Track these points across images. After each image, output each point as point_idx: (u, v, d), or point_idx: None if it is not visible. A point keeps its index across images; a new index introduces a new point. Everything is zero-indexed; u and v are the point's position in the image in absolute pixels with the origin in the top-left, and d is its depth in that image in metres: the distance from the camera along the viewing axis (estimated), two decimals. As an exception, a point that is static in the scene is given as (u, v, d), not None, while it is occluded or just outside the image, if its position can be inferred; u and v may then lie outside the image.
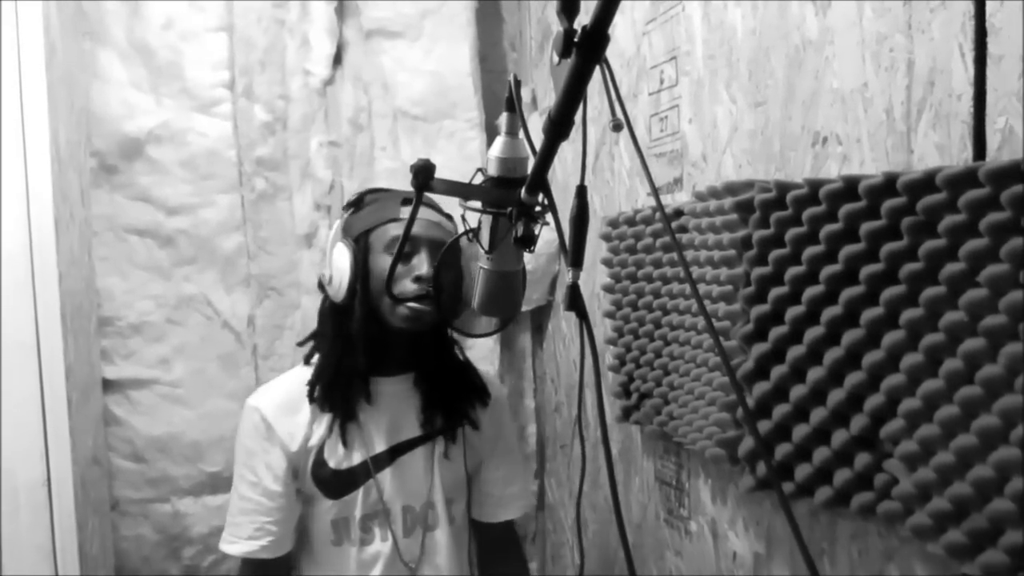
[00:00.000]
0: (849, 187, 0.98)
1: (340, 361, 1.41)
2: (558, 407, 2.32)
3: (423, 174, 0.94)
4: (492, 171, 0.94)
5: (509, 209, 0.90)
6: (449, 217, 1.48)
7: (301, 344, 1.55)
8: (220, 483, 2.11)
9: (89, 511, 1.78)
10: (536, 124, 2.34)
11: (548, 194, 0.86)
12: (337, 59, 2.19)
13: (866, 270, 0.97)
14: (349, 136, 2.21)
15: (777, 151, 1.22)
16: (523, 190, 0.87)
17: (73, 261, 1.76)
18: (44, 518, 1.55)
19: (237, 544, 1.44)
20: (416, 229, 1.34)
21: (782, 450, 1.13)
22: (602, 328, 1.76)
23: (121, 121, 2.02)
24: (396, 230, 1.38)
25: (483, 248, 0.99)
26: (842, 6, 1.08)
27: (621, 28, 1.70)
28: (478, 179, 0.97)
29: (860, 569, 1.10)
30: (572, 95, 0.69)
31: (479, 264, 1.02)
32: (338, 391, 1.41)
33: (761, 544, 1.33)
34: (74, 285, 1.75)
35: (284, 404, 1.45)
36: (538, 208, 0.89)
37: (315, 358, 1.49)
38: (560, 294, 2.25)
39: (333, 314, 1.43)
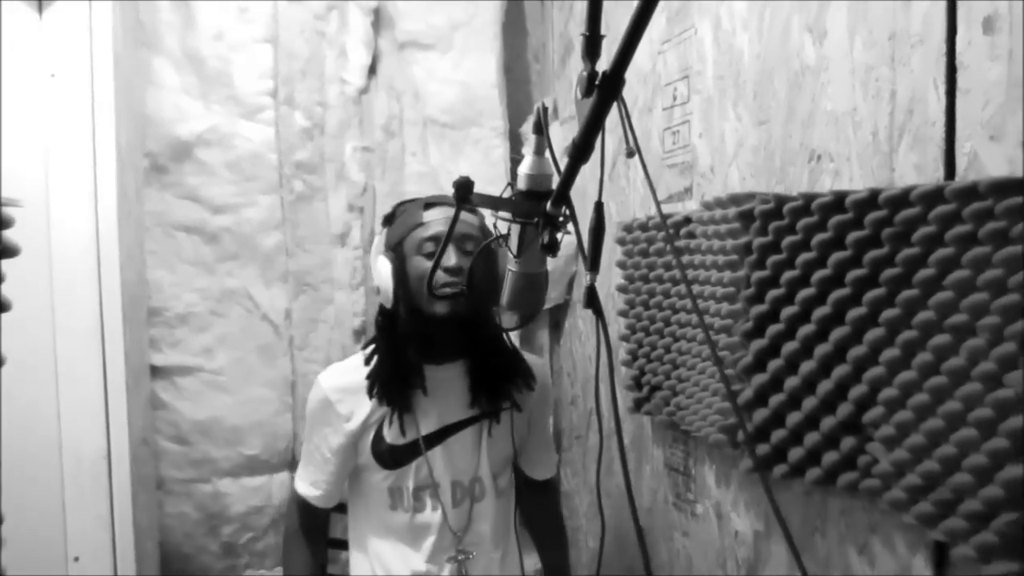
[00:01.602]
0: (838, 200, 1.11)
1: (395, 359, 1.55)
2: (574, 400, 2.45)
3: (463, 189, 1.07)
4: (521, 185, 1.07)
5: (536, 219, 1.04)
6: (473, 210, 1.59)
7: (364, 347, 1.67)
8: (257, 465, 2.26)
9: (140, 487, 1.92)
10: (556, 132, 2.47)
11: (571, 207, 0.99)
12: (372, 69, 2.33)
13: (851, 274, 1.09)
14: (381, 142, 2.35)
15: (778, 166, 1.35)
16: (549, 203, 1.00)
17: (129, 255, 1.91)
18: (104, 489, 1.70)
19: (300, 484, 1.68)
20: (441, 228, 1.49)
21: (777, 435, 1.25)
22: (616, 325, 1.89)
23: (173, 125, 2.17)
24: (422, 233, 1.52)
25: (512, 252, 1.12)
26: (836, 37, 1.21)
27: (638, 46, 1.83)
28: (508, 192, 1.10)
29: (848, 541, 1.22)
30: (592, 126, 0.82)
31: (508, 266, 1.16)
32: (394, 386, 1.56)
33: (761, 523, 1.45)
34: (129, 277, 1.90)
35: (348, 387, 1.60)
36: (561, 219, 1.03)
37: (374, 360, 1.62)
38: (577, 293, 2.38)
39: (385, 319, 1.58)
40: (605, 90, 0.76)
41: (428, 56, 2.38)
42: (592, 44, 0.82)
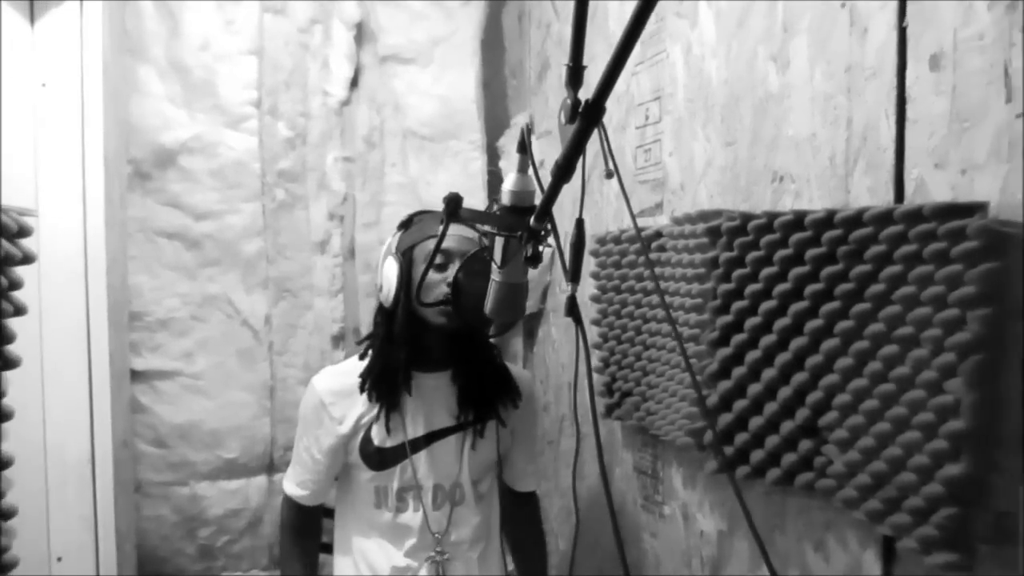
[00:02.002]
0: (799, 219, 1.18)
1: (387, 358, 1.62)
2: (546, 406, 2.52)
3: (452, 204, 1.15)
4: (505, 201, 1.15)
5: (519, 232, 1.11)
6: (475, 228, 1.66)
7: (359, 343, 1.75)
8: (236, 469, 2.31)
9: (120, 490, 1.96)
10: (533, 147, 2.55)
11: (553, 223, 1.07)
12: (354, 82, 2.41)
13: (810, 288, 1.17)
14: (362, 152, 2.42)
15: (743, 185, 1.43)
16: (532, 218, 1.08)
17: (113, 260, 1.95)
18: (88, 491, 1.74)
19: (288, 484, 1.74)
20: (450, 243, 1.55)
21: (740, 438, 1.33)
22: (589, 334, 1.96)
23: (157, 132, 2.22)
24: (431, 245, 1.53)
25: (495, 263, 1.20)
26: (798, 67, 1.29)
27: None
28: (493, 207, 1.18)
29: (805, 538, 1.30)
30: (575, 149, 0.90)
31: (492, 276, 1.23)
32: (384, 384, 1.62)
33: (724, 522, 1.53)
34: (113, 282, 1.94)
35: (341, 390, 1.67)
36: (543, 232, 1.10)
37: (368, 356, 1.69)
38: (551, 303, 2.46)
39: (383, 318, 1.64)
40: (587, 117, 0.84)
41: (409, 70, 2.46)
42: (575, 74, 0.90)
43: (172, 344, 2.26)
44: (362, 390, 1.64)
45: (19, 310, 1.05)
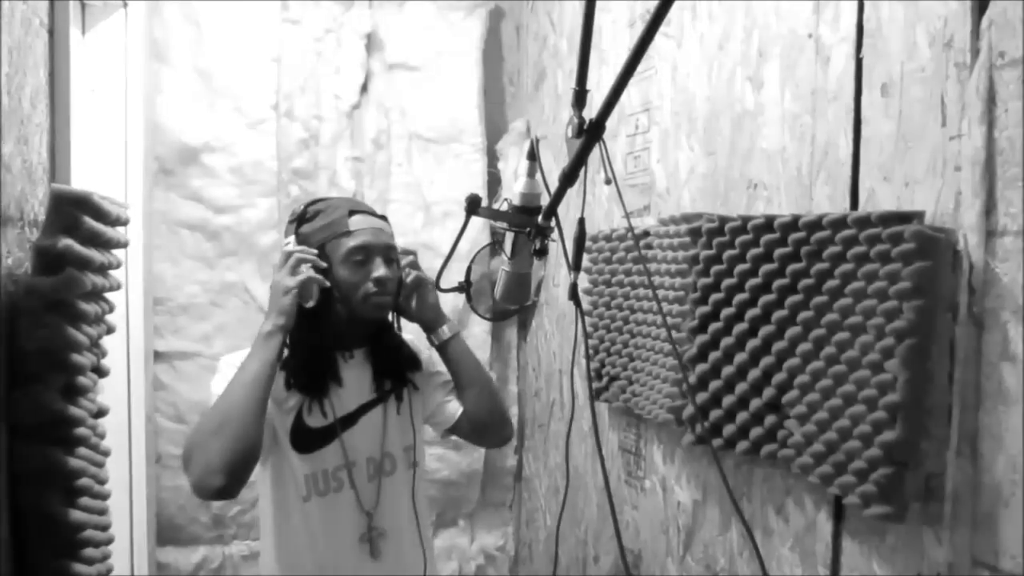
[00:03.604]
0: (769, 223, 1.34)
1: (311, 352, 1.59)
2: (538, 392, 2.68)
3: (473, 204, 1.32)
4: (516, 202, 1.32)
5: (528, 229, 1.29)
6: (383, 218, 1.68)
7: None
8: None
9: (145, 460, 2.12)
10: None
11: (558, 221, 1.24)
12: (364, 87, 2.57)
13: (777, 283, 1.34)
14: (371, 153, 2.58)
15: (722, 191, 1.60)
16: (540, 216, 1.25)
17: (144, 249, 2.11)
18: (125, 462, 1.89)
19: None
20: (369, 238, 1.56)
21: (715, 414, 1.50)
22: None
23: (181, 132, 2.38)
24: (350, 243, 1.57)
25: (506, 256, 1.37)
26: (771, 88, 1.46)
27: (607, 79, 2.08)
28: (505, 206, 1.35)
29: (769, 503, 1.47)
30: (579, 160, 1.07)
31: (502, 267, 1.41)
32: (311, 376, 1.59)
33: (699, 493, 1.70)
34: (144, 269, 2.10)
35: None
36: (548, 229, 1.28)
37: (285, 351, 1.59)
38: (544, 295, 2.62)
39: (300, 315, 1.54)
40: (591, 134, 1.01)
41: (415, 77, 2.62)
42: (581, 97, 1.07)
43: (192, 327, 2.42)
44: (288, 385, 1.58)
45: (117, 285, 1.23)
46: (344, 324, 1.61)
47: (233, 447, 1.39)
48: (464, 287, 1.52)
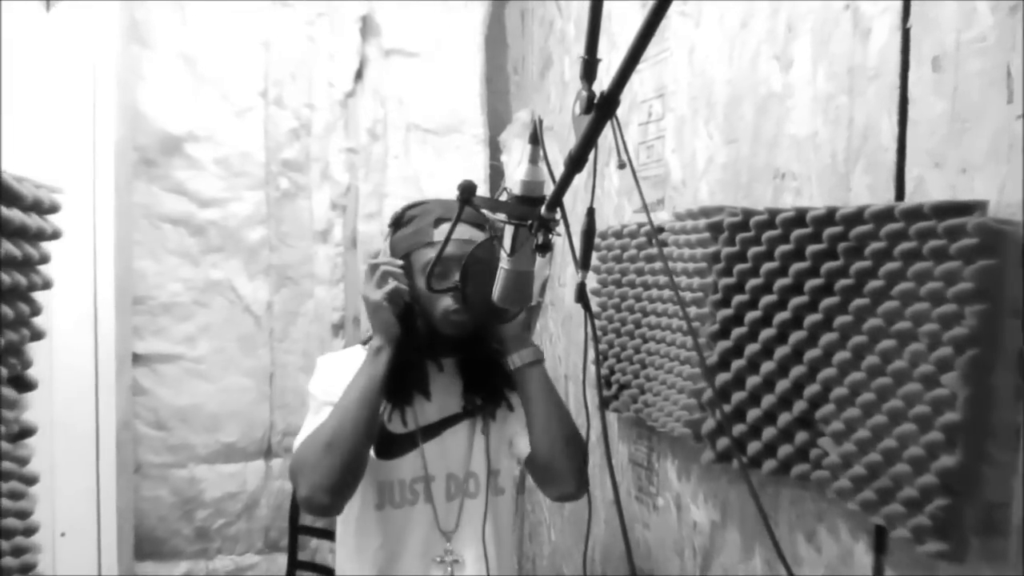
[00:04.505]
0: (800, 216, 1.21)
1: (397, 360, 1.51)
2: (543, 399, 2.54)
3: (468, 192, 1.17)
4: (517, 191, 1.17)
5: (530, 221, 1.14)
6: (482, 227, 1.56)
7: (365, 343, 1.62)
8: (234, 452, 2.33)
9: (120, 470, 1.99)
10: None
11: (564, 212, 1.09)
12: (359, 74, 2.44)
13: (809, 283, 1.19)
14: (366, 144, 2.44)
15: (745, 182, 1.46)
16: (544, 207, 1.10)
17: (118, 245, 1.97)
18: (91, 471, 1.76)
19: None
20: (451, 249, 1.43)
21: (738, 429, 1.36)
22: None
23: (163, 121, 2.25)
24: (430, 253, 1.49)
25: (505, 251, 1.22)
26: (801, 67, 1.32)
27: (616, 64, 1.94)
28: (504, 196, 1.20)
29: (798, 529, 1.33)
30: (588, 141, 0.92)
31: (500, 264, 1.26)
32: (396, 384, 1.53)
33: (717, 513, 1.56)
34: (118, 266, 1.97)
35: (351, 370, 1.54)
36: (552, 222, 1.13)
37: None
38: (549, 296, 2.49)
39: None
40: (602, 109, 0.86)
41: (413, 64, 2.49)
42: (590, 67, 0.92)
43: (174, 328, 2.29)
44: None
45: (46, 284, 1.07)
46: (428, 336, 1.54)
47: (342, 466, 1.42)
48: (458, 288, 1.37)
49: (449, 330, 1.53)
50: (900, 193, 1.12)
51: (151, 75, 2.24)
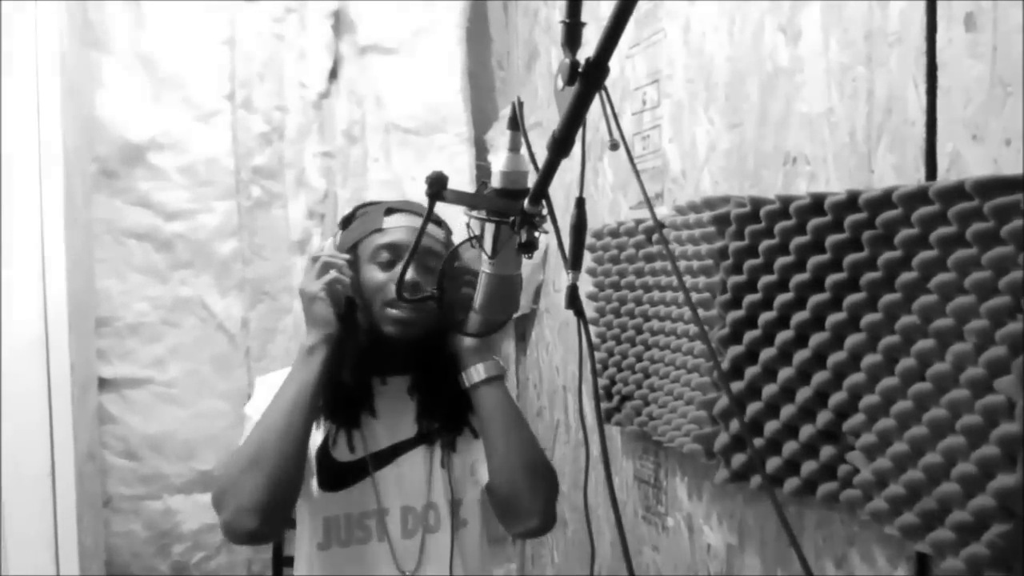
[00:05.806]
0: (816, 203, 1.08)
1: (338, 371, 1.38)
2: (540, 411, 2.42)
3: (437, 184, 1.03)
4: (496, 183, 1.03)
5: (512, 217, 0.99)
6: (439, 223, 1.46)
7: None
8: (211, 481, 2.18)
9: (85, 505, 1.84)
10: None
11: (550, 205, 0.95)
12: (333, 73, 2.32)
13: (831, 279, 1.07)
14: (343, 147, 2.32)
15: (751, 169, 1.33)
16: (526, 201, 0.96)
17: (76, 263, 1.84)
18: (48, 509, 1.62)
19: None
20: (401, 236, 1.36)
21: (755, 443, 1.22)
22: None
23: (123, 128, 2.13)
24: (379, 240, 1.38)
25: (486, 253, 1.08)
26: (810, 38, 1.19)
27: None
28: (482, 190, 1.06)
29: (825, 554, 1.20)
30: (574, 118, 0.78)
31: (481, 268, 1.11)
32: (339, 402, 1.39)
33: (734, 536, 1.42)
34: (77, 286, 1.83)
35: None
36: (538, 217, 0.98)
37: None
38: (544, 302, 2.36)
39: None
40: (588, 78, 0.73)
41: (391, 61, 2.37)
42: (573, 32, 0.78)
43: (143, 351, 2.16)
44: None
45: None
46: (381, 344, 1.38)
47: (268, 484, 1.25)
48: (436, 296, 1.22)
49: (388, 326, 1.35)
50: (932, 172, 1.00)
51: (109, 80, 2.11)
